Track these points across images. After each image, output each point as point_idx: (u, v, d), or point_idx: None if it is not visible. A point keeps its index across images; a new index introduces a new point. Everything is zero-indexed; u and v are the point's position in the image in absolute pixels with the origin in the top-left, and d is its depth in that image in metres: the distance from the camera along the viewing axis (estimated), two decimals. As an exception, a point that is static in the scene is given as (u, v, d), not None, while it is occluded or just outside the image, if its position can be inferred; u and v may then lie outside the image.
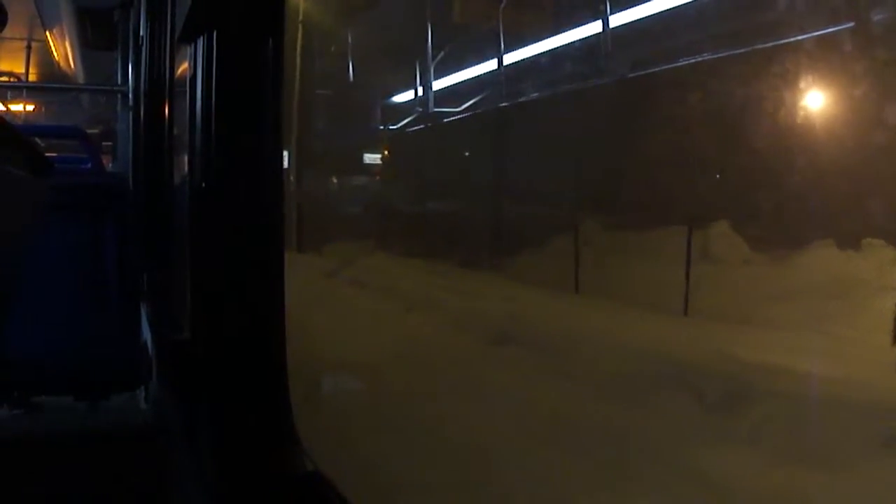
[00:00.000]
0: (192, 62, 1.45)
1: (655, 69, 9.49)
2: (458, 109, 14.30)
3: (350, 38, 14.94)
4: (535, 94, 12.29)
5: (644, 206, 8.53)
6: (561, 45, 11.71)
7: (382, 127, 16.62)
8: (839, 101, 7.23)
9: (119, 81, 5.70)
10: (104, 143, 8.83)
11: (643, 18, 9.92)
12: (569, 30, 11.43)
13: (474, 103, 13.91)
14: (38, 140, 4.00)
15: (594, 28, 10.77)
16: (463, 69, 14.34)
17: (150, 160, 3.27)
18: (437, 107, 14.52)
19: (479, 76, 14.03)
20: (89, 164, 4.22)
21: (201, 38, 1.37)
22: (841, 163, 6.71)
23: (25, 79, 11.28)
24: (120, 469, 2.52)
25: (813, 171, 6.94)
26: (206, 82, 1.33)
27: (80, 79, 10.10)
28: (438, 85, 14.65)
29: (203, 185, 1.40)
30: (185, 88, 1.57)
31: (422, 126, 15.04)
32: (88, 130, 6.42)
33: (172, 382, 2.15)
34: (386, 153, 16.37)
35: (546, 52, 12.16)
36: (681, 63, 9.05)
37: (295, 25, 12.45)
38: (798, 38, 7.46)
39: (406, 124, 15.88)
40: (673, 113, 8.55)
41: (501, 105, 12.53)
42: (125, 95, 5.32)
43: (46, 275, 2.98)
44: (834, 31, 7.23)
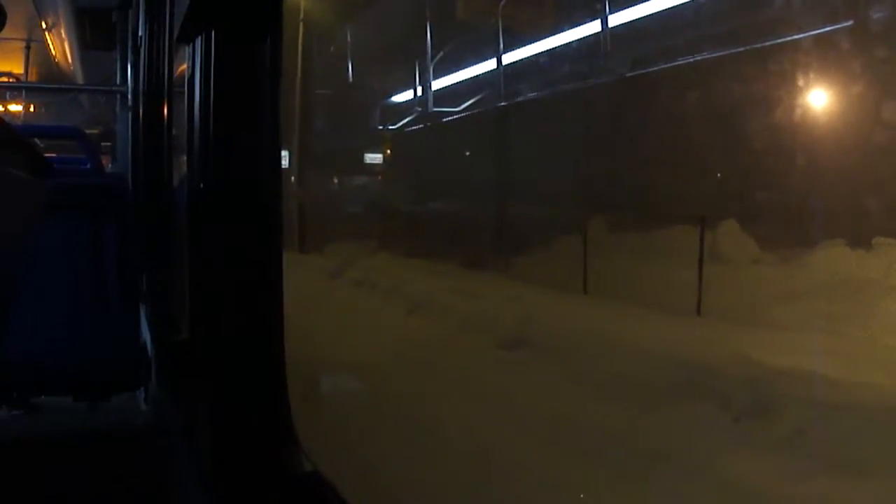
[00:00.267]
0: (191, 62, 1.45)
1: (655, 68, 9.48)
2: (458, 109, 14.29)
3: (350, 37, 14.96)
4: (535, 94, 12.28)
5: (650, 206, 8.47)
6: (560, 44, 11.72)
7: (382, 127, 16.63)
8: (846, 99, 7.20)
9: (118, 82, 5.69)
10: (103, 143, 8.82)
11: (642, 18, 9.93)
12: (568, 29, 11.43)
13: (473, 103, 13.90)
14: (37, 141, 4.00)
15: (593, 28, 10.77)
16: (462, 69, 14.33)
17: (150, 160, 3.27)
18: (436, 106, 14.51)
19: (478, 76, 14.03)
20: (88, 165, 4.21)
21: (200, 38, 1.37)
22: (849, 161, 6.70)
23: (24, 79, 11.29)
24: (120, 469, 2.52)
25: (820, 169, 6.92)
26: (205, 82, 1.32)
27: (79, 79, 10.10)
28: (438, 84, 14.64)
29: (202, 185, 1.40)
30: (184, 88, 1.57)
31: (421, 126, 15.04)
32: (87, 131, 6.40)
33: (172, 383, 2.15)
34: (387, 153, 16.38)
35: (545, 51, 12.17)
36: (680, 62, 9.05)
37: (295, 25, 12.46)
38: (796, 37, 7.48)
39: (405, 124, 15.88)
40: (674, 111, 8.55)
41: (501, 104, 12.50)
42: (124, 96, 5.31)
43: (46, 275, 2.97)
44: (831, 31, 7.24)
